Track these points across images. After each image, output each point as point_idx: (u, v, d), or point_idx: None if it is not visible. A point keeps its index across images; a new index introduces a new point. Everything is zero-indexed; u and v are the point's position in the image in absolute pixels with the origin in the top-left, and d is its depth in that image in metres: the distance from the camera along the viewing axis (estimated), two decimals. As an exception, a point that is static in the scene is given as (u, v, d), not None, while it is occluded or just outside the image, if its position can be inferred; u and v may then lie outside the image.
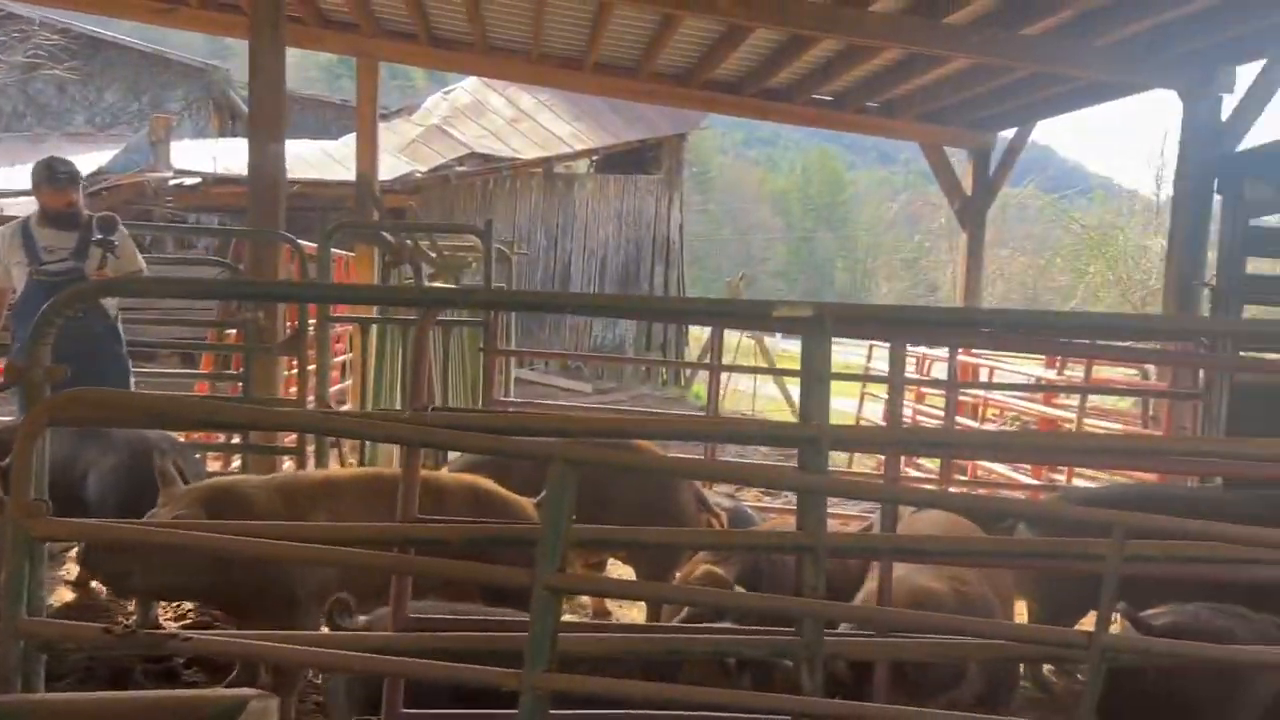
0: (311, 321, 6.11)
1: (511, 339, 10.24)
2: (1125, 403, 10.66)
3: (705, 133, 35.39)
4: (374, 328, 7.36)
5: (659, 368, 18.23)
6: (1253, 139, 6.89)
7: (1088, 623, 3.32)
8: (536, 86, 17.28)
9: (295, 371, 6.26)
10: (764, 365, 13.90)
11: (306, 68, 35.72)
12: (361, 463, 6.94)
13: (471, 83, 19.50)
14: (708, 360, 6.96)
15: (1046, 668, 4.81)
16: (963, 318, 3.83)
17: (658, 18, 8.62)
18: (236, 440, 6.41)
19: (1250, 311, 6.15)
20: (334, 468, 5.08)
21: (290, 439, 6.14)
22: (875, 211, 51.02)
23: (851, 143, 65.85)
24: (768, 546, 3.40)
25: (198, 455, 5.43)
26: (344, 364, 9.36)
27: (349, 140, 14.90)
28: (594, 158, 18.93)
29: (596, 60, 10.11)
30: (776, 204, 56.57)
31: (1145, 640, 3.29)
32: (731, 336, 18.56)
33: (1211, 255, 6.56)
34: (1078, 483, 8.01)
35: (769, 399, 16.57)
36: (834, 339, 3.05)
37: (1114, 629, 2.94)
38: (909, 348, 11.39)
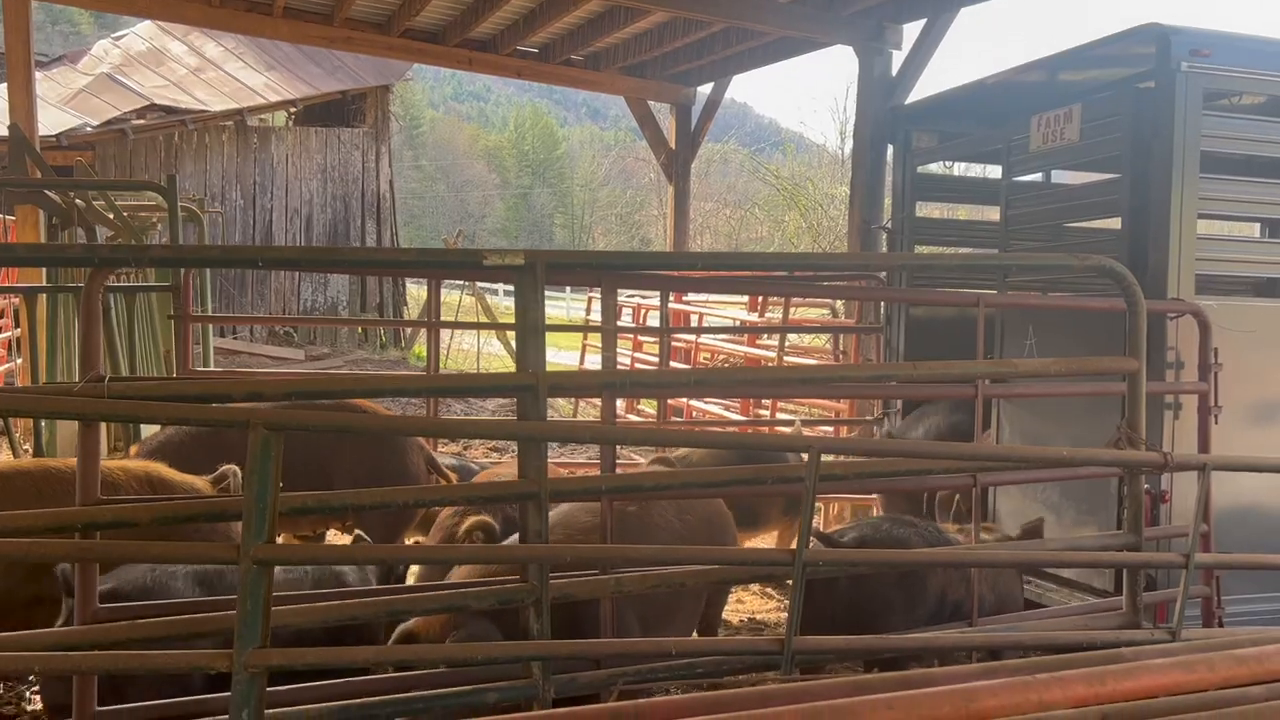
0: (-37, 293, 5.37)
1: (208, 305, 9.51)
2: (820, 341, 11.52)
3: (413, 85, 34.36)
4: (42, 298, 6.58)
5: (377, 330, 17.63)
6: (919, 92, 7.58)
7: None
8: (221, 33, 16.00)
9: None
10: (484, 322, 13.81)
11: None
12: (38, 454, 6.21)
13: (146, 28, 17.78)
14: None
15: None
16: (667, 260, 3.95)
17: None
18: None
19: (920, 251, 6.80)
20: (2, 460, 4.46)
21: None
22: (589, 167, 51.81)
23: (562, 98, 66.34)
24: (491, 497, 3.38)
25: None
26: (11, 341, 8.34)
27: (0, 91, 13.17)
28: (292, 110, 17.84)
29: (286, 4, 9.49)
30: (491, 160, 56.04)
31: (839, 552, 3.59)
32: (453, 295, 18.29)
33: (888, 201, 7.17)
34: (781, 418, 8.59)
35: (495, 356, 16.49)
36: (558, 294, 3.06)
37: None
38: (627, 298, 11.73)
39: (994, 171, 6.93)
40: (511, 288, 3.00)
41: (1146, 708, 2.16)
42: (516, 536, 3.47)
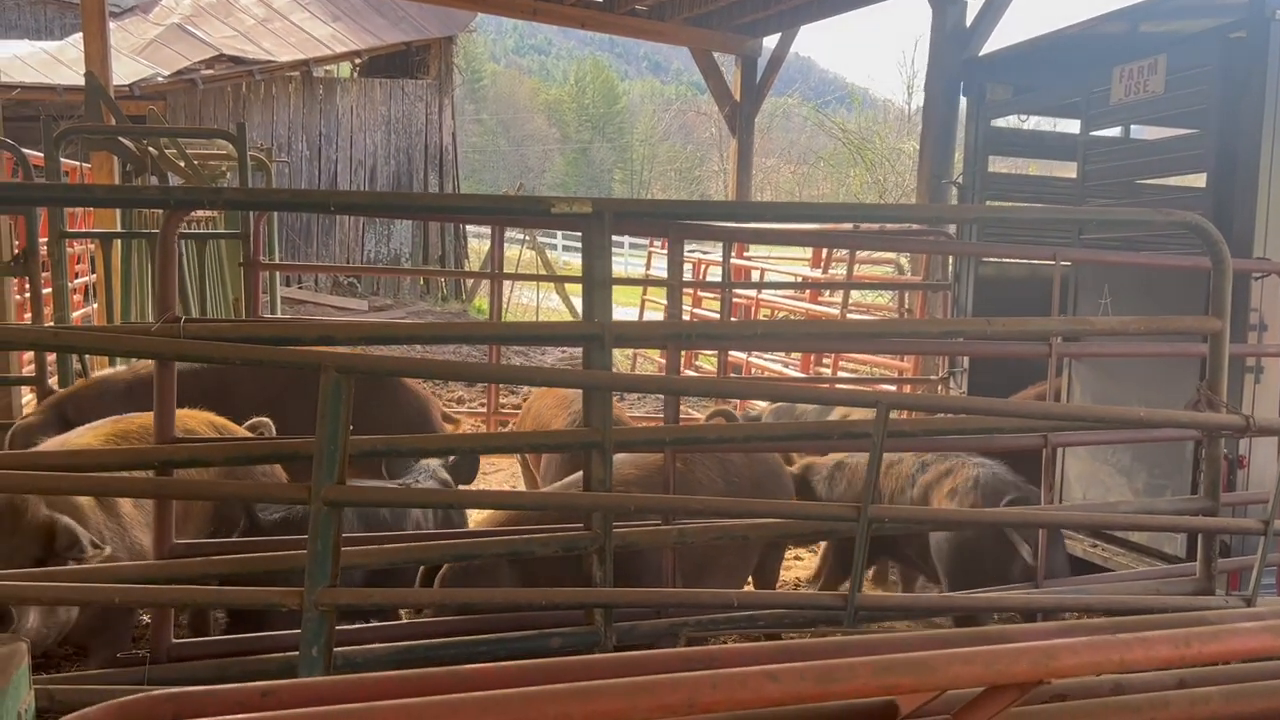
0: (43, 240, 5.48)
1: (275, 256, 9.65)
2: (884, 299, 11.35)
3: (475, 38, 34.30)
4: (117, 243, 6.72)
5: (438, 282, 17.76)
6: (995, 43, 7.35)
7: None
8: (288, -18, 16.09)
9: (29, 295, 5.62)
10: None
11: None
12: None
13: (215, -23, 17.93)
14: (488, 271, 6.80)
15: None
16: (736, 210, 3.90)
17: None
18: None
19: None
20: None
21: (28, 364, 5.54)
22: (649, 122, 51.37)
23: (623, 51, 65.71)
24: (556, 446, 3.39)
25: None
26: (86, 287, 8.54)
27: (76, 40, 13.38)
28: (357, 61, 17.91)
29: (353, -47, 9.48)
30: (551, 114, 55.79)
31: (901, 509, 3.55)
32: (512, 251, 18.34)
33: (959, 156, 6.99)
34: (842, 374, 8.50)
35: (554, 311, 16.54)
36: (616, 249, 3.04)
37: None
38: (688, 252, 11.64)
39: (1069, 126, 6.72)
40: (570, 243, 2.99)
41: (1228, 673, 2.10)
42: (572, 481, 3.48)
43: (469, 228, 19.38)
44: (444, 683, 1.50)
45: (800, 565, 5.74)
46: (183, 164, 7.53)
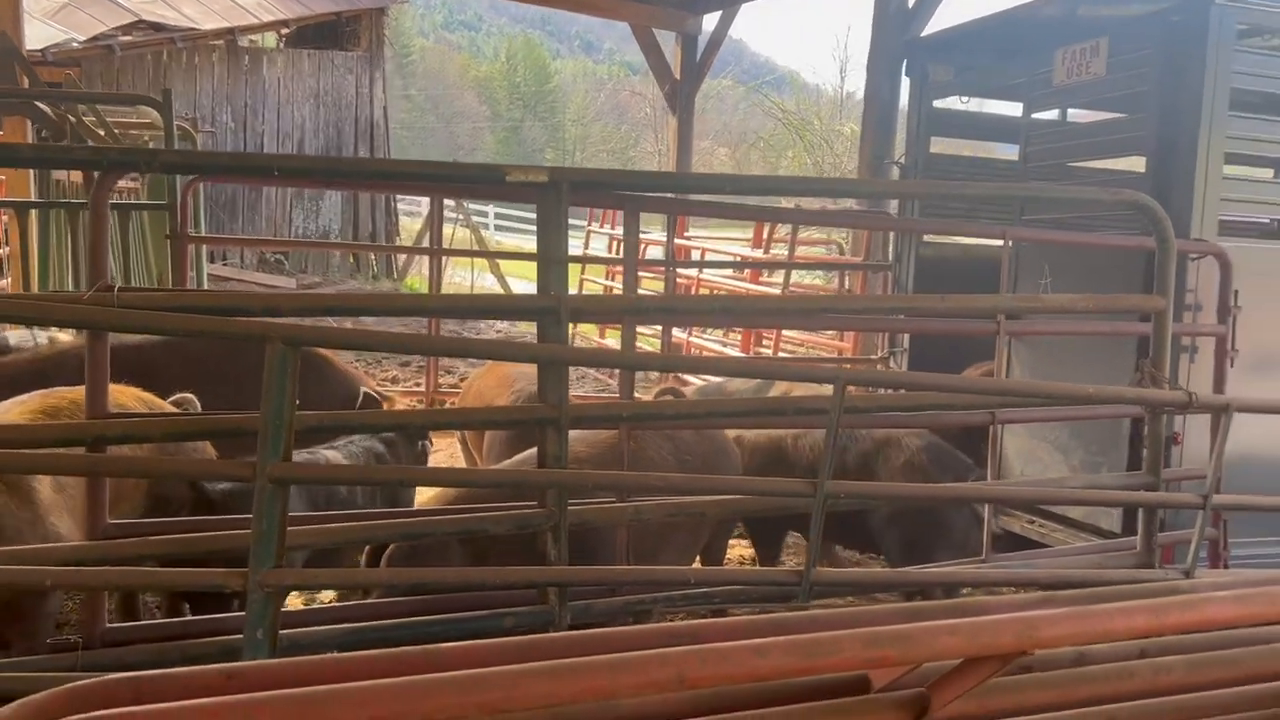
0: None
1: (202, 230, 9.32)
2: (824, 280, 11.42)
3: (404, 11, 33.61)
4: (33, 214, 6.42)
5: (369, 261, 17.37)
6: (937, 24, 7.39)
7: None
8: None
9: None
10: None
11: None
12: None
13: (134, -60, 17.21)
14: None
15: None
16: (696, 182, 3.85)
17: None
18: None
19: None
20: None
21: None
22: (582, 101, 51.01)
23: (555, 29, 65.09)
24: (510, 422, 3.31)
25: None
26: (0, 259, 8.16)
27: (-17, 0, 12.73)
28: (284, 30, 17.40)
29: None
30: (482, 91, 55.01)
31: (858, 485, 3.55)
32: (444, 230, 18.01)
33: (900, 137, 7.02)
34: (783, 355, 8.54)
35: (490, 290, 16.31)
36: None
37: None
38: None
39: (1004, 109, 6.80)
40: (503, 222, 2.91)
41: (1186, 644, 2.13)
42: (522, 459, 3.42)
43: (400, 205, 19.02)
44: (418, 663, 1.43)
45: (743, 544, 5.75)
46: (103, 132, 7.21)
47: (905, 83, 6.64)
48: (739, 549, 5.62)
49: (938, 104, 6.35)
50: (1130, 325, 4.17)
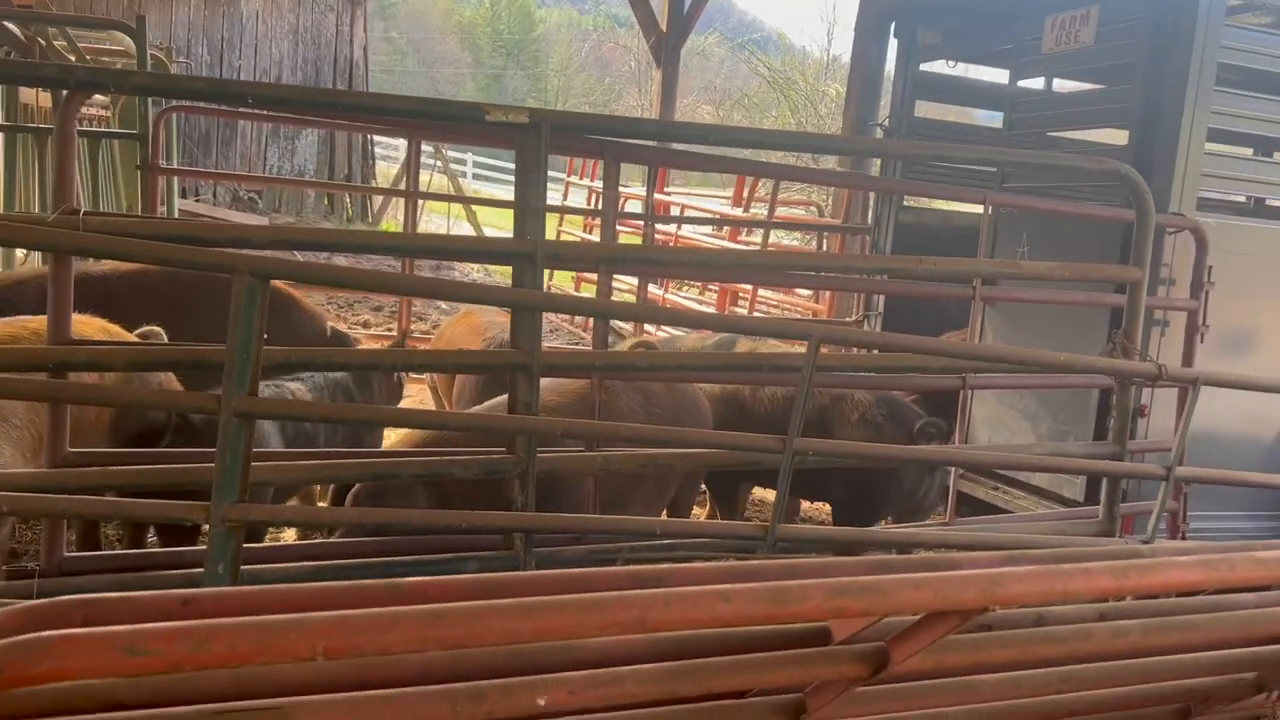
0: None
1: (175, 162, 9.15)
2: (802, 240, 11.40)
3: (388, -49, 32.88)
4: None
5: (344, 202, 17.14)
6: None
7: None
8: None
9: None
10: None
11: None
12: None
13: None
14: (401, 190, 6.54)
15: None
16: (680, 131, 3.80)
17: None
18: None
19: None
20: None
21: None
22: (566, 52, 50.31)
23: (542, -23, 63.89)
24: (482, 366, 3.28)
25: None
26: (-37, 184, 7.96)
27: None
28: (264, -36, 16.97)
29: None
30: (464, 37, 54.12)
31: (826, 443, 3.56)
32: (421, 176, 17.77)
33: (885, 100, 6.97)
34: (757, 315, 8.52)
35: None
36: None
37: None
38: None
39: (989, 75, 6.76)
40: (480, 171, 2.85)
41: (1144, 608, 2.16)
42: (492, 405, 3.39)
43: (376, 149, 18.73)
44: (380, 596, 1.41)
45: (702, 509, 5.78)
46: (74, 58, 7.03)
47: (892, 45, 6.58)
48: (698, 512, 5.65)
49: (924, 67, 6.31)
50: (1104, 296, 4.19)
